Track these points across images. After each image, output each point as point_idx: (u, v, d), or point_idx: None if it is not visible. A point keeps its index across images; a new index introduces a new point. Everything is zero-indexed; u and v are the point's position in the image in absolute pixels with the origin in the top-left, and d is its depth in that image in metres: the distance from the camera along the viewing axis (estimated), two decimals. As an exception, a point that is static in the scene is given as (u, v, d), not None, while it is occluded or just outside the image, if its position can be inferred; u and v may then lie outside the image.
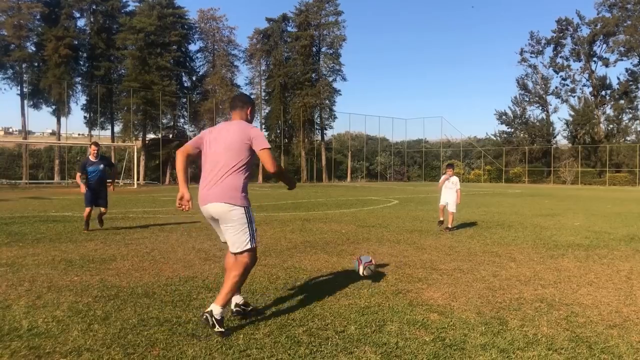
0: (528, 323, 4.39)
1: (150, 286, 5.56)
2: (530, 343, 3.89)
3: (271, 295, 5.24)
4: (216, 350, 3.67)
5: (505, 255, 7.83)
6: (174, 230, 10.57)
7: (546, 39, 60.01)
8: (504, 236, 10.10)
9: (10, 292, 5.21)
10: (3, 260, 6.98)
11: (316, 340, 3.88)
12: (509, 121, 62.33)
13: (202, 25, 53.65)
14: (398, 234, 10.16)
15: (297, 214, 14.67)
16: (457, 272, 6.49)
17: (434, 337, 4.01)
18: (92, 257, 7.26)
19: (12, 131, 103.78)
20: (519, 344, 3.87)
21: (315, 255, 7.63)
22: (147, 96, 46.01)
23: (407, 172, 65.94)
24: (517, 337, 4.02)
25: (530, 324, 4.37)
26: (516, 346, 3.82)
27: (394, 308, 4.78)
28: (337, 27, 56.72)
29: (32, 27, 44.71)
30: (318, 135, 59.86)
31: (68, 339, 3.85)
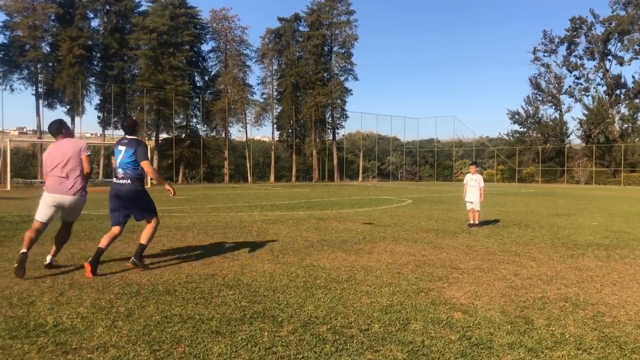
0: (554, 322, 4.33)
1: (171, 283, 5.56)
2: (559, 342, 3.84)
3: (292, 293, 5.22)
4: (242, 347, 3.66)
5: (525, 255, 7.75)
6: (191, 228, 10.60)
7: (559, 38, 59.54)
8: (522, 235, 10.01)
9: (33, 289, 5.24)
10: (24, 257, 7.01)
11: (341, 339, 3.86)
12: (521, 121, 61.89)
13: (214, 25, 53.82)
14: (414, 233, 10.11)
15: (310, 212, 14.65)
16: (477, 271, 6.44)
17: (459, 335, 3.97)
18: (112, 255, 7.29)
19: (26, 131, 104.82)
20: (546, 343, 3.82)
21: (333, 254, 7.61)
22: (160, 96, 46.27)
23: (419, 172, 65.71)
24: (544, 336, 3.97)
25: (557, 323, 4.32)
26: (544, 345, 3.77)
27: (417, 307, 4.75)
28: (349, 27, 56.69)
29: (46, 27, 45.12)
30: (329, 135, 59.85)
31: (93, 335, 3.86)
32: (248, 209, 15.97)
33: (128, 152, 6.46)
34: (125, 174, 6.44)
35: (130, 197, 6.47)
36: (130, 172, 6.43)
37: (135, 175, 6.48)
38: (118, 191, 6.45)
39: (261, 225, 11.31)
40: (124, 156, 6.47)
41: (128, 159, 6.44)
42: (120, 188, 6.45)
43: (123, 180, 6.45)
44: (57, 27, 45.19)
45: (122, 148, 6.52)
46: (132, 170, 6.44)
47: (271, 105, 57.48)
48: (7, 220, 11.82)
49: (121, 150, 6.51)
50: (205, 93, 53.44)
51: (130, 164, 6.43)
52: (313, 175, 57.25)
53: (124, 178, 6.45)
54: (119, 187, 6.46)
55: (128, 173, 6.43)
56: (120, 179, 6.46)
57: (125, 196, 6.45)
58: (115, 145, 6.70)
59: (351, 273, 6.23)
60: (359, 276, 6.05)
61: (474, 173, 11.82)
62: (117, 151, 6.54)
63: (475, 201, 11.46)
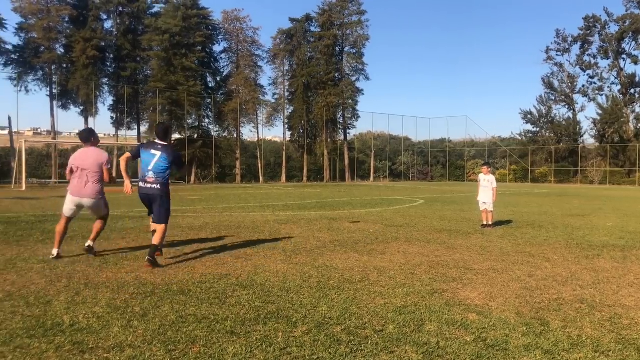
0: (570, 324, 4.30)
1: (185, 283, 5.59)
2: (575, 345, 3.81)
3: (305, 293, 5.22)
4: (256, 347, 3.67)
5: (539, 256, 7.70)
6: (204, 228, 10.64)
7: (573, 37, 58.95)
8: (536, 236, 9.94)
9: (50, 288, 5.29)
10: (40, 257, 7.10)
11: (356, 339, 3.86)
12: (534, 120, 61.38)
13: (226, 26, 53.94)
14: (427, 234, 10.07)
15: (322, 213, 14.65)
16: (491, 272, 6.40)
17: (474, 337, 3.95)
18: (126, 255, 7.35)
19: (40, 131, 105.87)
20: (563, 345, 3.79)
21: (346, 254, 7.60)
22: (172, 97, 46.50)
23: (431, 172, 65.45)
24: (560, 338, 3.94)
25: (573, 325, 4.28)
26: (561, 347, 3.74)
27: (431, 308, 4.73)
28: (361, 27, 56.54)
29: (61, 29, 45.50)
30: (341, 135, 59.75)
31: (109, 335, 3.89)
32: (260, 209, 16.01)
33: (164, 158, 6.82)
34: (157, 179, 6.82)
35: (156, 199, 6.89)
36: (161, 178, 6.84)
37: (165, 182, 6.93)
38: (148, 194, 6.88)
39: (273, 225, 11.33)
40: (160, 161, 6.81)
41: (164, 165, 6.83)
42: (149, 192, 6.85)
43: (153, 185, 6.83)
44: (71, 29, 45.58)
45: (157, 153, 6.82)
46: (163, 177, 6.87)
47: (282, 106, 57.55)
48: (23, 220, 11.95)
49: (155, 155, 6.81)
50: (217, 94, 53.61)
51: (164, 171, 6.85)
52: (324, 175, 57.22)
53: (155, 183, 6.83)
54: (148, 190, 6.85)
55: (159, 179, 6.83)
56: (151, 184, 6.82)
57: (153, 199, 6.90)
58: (143, 148, 6.98)
59: (364, 274, 6.22)
60: (372, 277, 6.04)
61: (486, 173, 11.78)
62: (150, 155, 6.82)
63: (488, 201, 11.42)
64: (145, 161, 6.84)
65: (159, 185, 6.83)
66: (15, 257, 7.03)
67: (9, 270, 6.16)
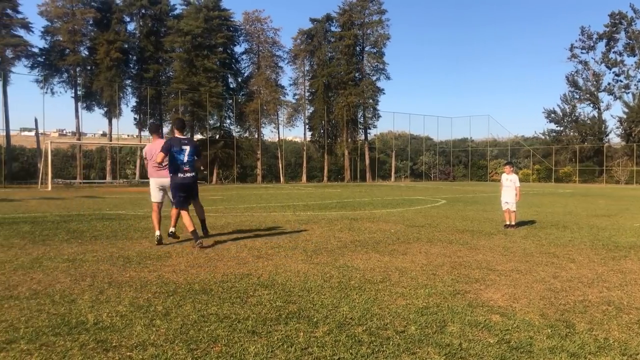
0: (597, 327, 4.21)
1: (207, 283, 5.62)
2: (602, 348, 3.73)
3: (326, 293, 5.21)
4: (278, 347, 3.66)
5: (564, 256, 7.57)
6: (225, 227, 10.70)
7: (598, 34, 57.93)
8: (560, 237, 9.78)
9: (74, 287, 5.37)
10: (65, 256, 7.21)
11: (377, 340, 3.83)
12: (558, 119, 60.51)
13: (247, 27, 54.34)
14: (449, 234, 9.98)
15: (343, 213, 14.63)
16: (514, 273, 6.31)
17: (498, 339, 3.89)
18: (148, 254, 7.42)
19: (65, 132, 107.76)
20: (589, 348, 3.71)
21: (367, 255, 7.57)
22: (194, 98, 46.95)
23: (453, 172, 64.94)
24: (587, 341, 3.86)
25: (600, 327, 4.19)
26: (587, 350, 3.66)
27: (454, 309, 4.68)
28: (381, 26, 56.45)
29: (85, 32, 46.33)
30: (361, 135, 59.72)
31: (132, 334, 3.93)
32: (281, 209, 16.05)
33: (192, 150, 8.06)
34: (191, 168, 8.08)
35: (194, 186, 8.30)
36: (193, 167, 8.11)
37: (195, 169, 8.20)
38: (187, 182, 8.10)
39: (294, 225, 11.35)
40: (190, 153, 8.02)
41: (192, 156, 8.06)
42: (189, 181, 8.11)
43: (189, 173, 8.09)
44: (95, 32, 46.36)
45: (187, 147, 8.00)
46: (193, 165, 8.13)
47: (303, 106, 57.68)
48: (49, 220, 12.16)
49: (185, 149, 7.97)
50: (239, 94, 53.98)
51: (193, 160, 8.09)
52: (345, 175, 57.18)
53: (190, 171, 8.08)
54: (188, 179, 8.09)
55: (192, 168, 8.10)
56: (188, 172, 8.05)
57: (192, 186, 8.23)
58: (172, 144, 7.97)
59: (386, 274, 6.19)
60: (393, 277, 6.00)
61: (509, 173, 11.65)
62: (181, 150, 7.94)
63: (510, 201, 11.28)
64: (179, 156, 7.92)
65: (193, 172, 8.15)
66: (41, 256, 7.15)
67: (35, 269, 6.27)
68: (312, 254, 7.54)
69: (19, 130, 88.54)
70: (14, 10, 43.64)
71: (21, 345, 3.66)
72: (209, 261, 6.94)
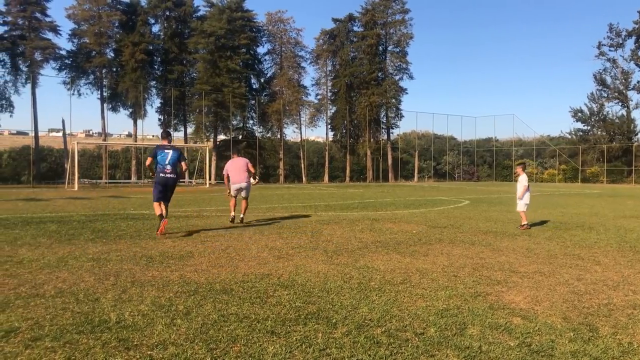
0: (621, 331, 4.13)
1: (228, 282, 5.67)
2: (626, 352, 3.66)
3: (346, 294, 5.21)
4: (296, 348, 3.68)
5: (589, 259, 7.44)
6: (247, 228, 10.78)
7: (627, 31, 56.60)
8: (585, 238, 9.61)
9: (98, 286, 5.47)
10: (90, 255, 7.35)
11: (396, 342, 3.82)
12: (585, 118, 59.36)
13: (269, 28, 54.50)
14: (472, 235, 9.89)
15: (365, 213, 14.60)
16: (537, 275, 6.23)
17: (519, 342, 3.85)
18: (171, 254, 7.51)
19: (92, 133, 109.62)
20: (613, 352, 3.65)
21: (388, 256, 7.55)
22: (217, 98, 47.29)
23: (477, 172, 64.26)
24: (610, 345, 3.79)
25: (624, 331, 4.11)
26: (610, 355, 3.60)
27: (474, 311, 4.64)
28: (404, 25, 56.07)
29: (111, 34, 47.03)
30: (384, 135, 59.43)
31: (153, 333, 3.99)
32: (302, 209, 16.08)
33: (174, 155, 9.80)
34: (172, 170, 9.77)
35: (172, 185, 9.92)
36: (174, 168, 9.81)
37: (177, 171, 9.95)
38: (167, 180, 9.76)
39: (315, 225, 11.37)
40: (172, 158, 9.77)
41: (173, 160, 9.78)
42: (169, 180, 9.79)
43: (170, 174, 9.77)
44: (120, 34, 47.05)
45: (169, 152, 9.79)
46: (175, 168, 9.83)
47: (325, 106, 57.69)
48: (75, 219, 12.39)
49: (168, 153, 9.76)
50: (261, 95, 54.21)
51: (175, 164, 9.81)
52: (367, 175, 57.00)
53: (170, 172, 9.77)
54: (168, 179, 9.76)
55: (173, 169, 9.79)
56: (169, 173, 9.75)
57: (170, 184, 9.85)
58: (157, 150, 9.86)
59: (406, 275, 6.16)
60: (414, 279, 5.98)
61: (520, 173, 11.64)
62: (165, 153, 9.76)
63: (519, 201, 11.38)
64: (162, 159, 9.72)
65: (174, 175, 9.86)
66: (67, 255, 7.29)
67: (61, 268, 6.40)
68: (333, 255, 7.55)
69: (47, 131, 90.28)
70: (42, 13, 44.61)
71: (46, 343, 3.74)
72: (230, 261, 7.00)
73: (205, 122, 48.86)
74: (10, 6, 42.98)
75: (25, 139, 55.87)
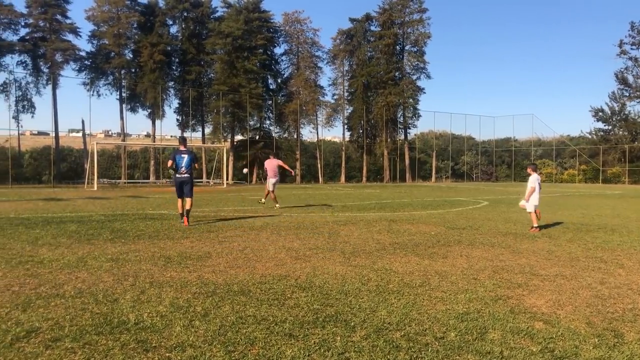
0: (647, 337, 4.03)
1: (245, 284, 5.66)
2: (653, 359, 3.57)
3: (364, 297, 5.17)
4: (314, 351, 3.65)
5: (612, 261, 7.30)
6: (264, 228, 10.78)
7: (649, 29, 55.64)
8: (608, 240, 9.44)
9: (117, 287, 5.49)
10: (109, 255, 7.40)
11: (415, 346, 3.77)
12: (606, 118, 58.47)
13: (286, 28, 54.59)
14: (491, 237, 9.77)
15: (382, 214, 14.52)
16: (559, 279, 6.12)
17: (541, 347, 3.78)
18: (189, 254, 7.53)
19: (110, 133, 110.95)
20: (639, 359, 3.55)
21: (406, 257, 7.48)
22: (235, 99, 47.49)
23: (495, 172, 63.68)
24: (636, 351, 3.70)
25: (650, 338, 4.01)
26: (636, 362, 3.51)
27: (495, 315, 4.56)
28: (422, 25, 55.78)
29: (129, 35, 47.51)
30: (401, 135, 59.19)
31: (172, 334, 3.99)
32: (319, 209, 16.06)
33: (189, 158, 11.66)
34: (187, 170, 11.64)
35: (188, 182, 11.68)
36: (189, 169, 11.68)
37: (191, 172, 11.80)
38: (183, 179, 11.66)
39: (332, 226, 11.33)
40: (187, 160, 11.63)
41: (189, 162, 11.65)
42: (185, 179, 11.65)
43: (185, 174, 11.65)
44: (139, 35, 47.49)
45: (185, 156, 11.62)
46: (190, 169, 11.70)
47: (342, 106, 57.62)
48: (94, 219, 12.51)
49: (184, 157, 11.61)
50: (278, 95, 54.33)
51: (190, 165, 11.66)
52: (384, 175, 56.80)
53: (186, 173, 11.65)
54: (184, 178, 11.65)
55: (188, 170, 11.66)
56: (185, 173, 11.64)
57: (186, 182, 11.66)
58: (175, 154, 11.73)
59: (425, 278, 6.10)
60: (433, 281, 5.91)
61: (531, 174, 11.65)
62: (181, 157, 11.62)
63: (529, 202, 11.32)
64: (179, 161, 11.62)
65: (189, 175, 11.68)
66: (86, 255, 7.35)
67: (80, 268, 6.44)
68: (350, 256, 7.51)
69: (67, 131, 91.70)
70: (63, 15, 45.27)
71: (66, 344, 3.76)
72: (247, 262, 6.99)
73: (222, 122, 49.10)
74: (32, 9, 43.67)
75: (46, 139, 56.75)
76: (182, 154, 11.64)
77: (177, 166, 11.67)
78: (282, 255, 7.52)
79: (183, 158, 11.59)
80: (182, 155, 11.61)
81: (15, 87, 44.12)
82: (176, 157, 11.69)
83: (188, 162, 11.63)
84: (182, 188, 11.69)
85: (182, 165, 11.60)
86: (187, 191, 11.65)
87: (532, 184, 11.29)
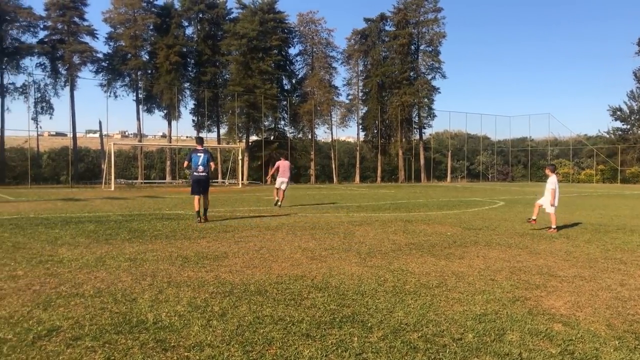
0: (669, 339, 3.97)
1: (262, 284, 5.68)
2: (675, 362, 3.52)
3: (381, 297, 5.16)
4: (332, 352, 3.66)
5: (632, 263, 7.20)
6: (279, 228, 10.81)
7: (669, 27, 54.79)
8: (627, 241, 9.32)
9: (135, 286, 5.55)
10: (127, 255, 7.47)
11: (433, 347, 3.76)
12: (624, 117, 57.70)
13: (301, 29, 54.69)
14: (508, 237, 9.70)
15: (397, 214, 14.48)
16: (578, 280, 6.06)
17: (560, 349, 3.74)
18: (206, 254, 7.58)
19: (127, 134, 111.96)
20: (661, 362, 3.51)
21: (422, 258, 7.46)
22: (250, 99, 47.67)
23: (511, 172, 63.16)
24: (658, 354, 3.65)
25: (672, 340, 3.95)
26: (658, 365, 3.47)
27: (513, 316, 4.53)
28: (437, 24, 55.55)
29: (146, 37, 47.93)
30: (416, 135, 58.95)
31: (190, 334, 4.02)
32: (334, 209, 16.06)
33: (205, 157, 12.27)
34: (204, 169, 12.25)
35: (205, 181, 12.38)
36: (205, 168, 12.28)
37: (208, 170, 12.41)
38: (200, 178, 12.28)
39: (348, 226, 11.32)
40: (204, 159, 12.24)
41: (205, 161, 12.26)
42: (201, 177, 12.28)
43: (202, 173, 12.27)
44: (155, 36, 47.88)
45: (201, 155, 12.27)
46: (207, 168, 12.30)
47: (356, 106, 57.56)
48: (112, 219, 12.64)
49: (200, 156, 12.24)
50: (293, 96, 54.42)
51: (206, 164, 12.26)
52: (399, 175, 56.64)
53: (203, 171, 12.27)
54: (200, 176, 12.27)
55: (205, 169, 12.27)
56: (201, 172, 12.26)
57: (203, 180, 12.33)
58: (192, 153, 12.44)
59: (442, 279, 6.07)
60: (450, 282, 5.88)
61: (550, 175, 11.54)
62: (197, 156, 12.26)
63: (545, 203, 11.28)
64: (196, 160, 12.23)
65: (205, 173, 12.30)
66: (105, 255, 7.43)
67: (99, 268, 6.52)
68: (366, 257, 7.50)
69: (84, 132, 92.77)
70: (80, 18, 45.83)
71: (86, 343, 3.81)
72: (263, 262, 7.02)
73: (237, 123, 49.31)
74: (50, 11, 44.26)
75: (64, 140, 57.44)
76: (198, 153, 12.30)
77: (193, 165, 12.26)
78: (298, 256, 7.54)
79: (199, 157, 12.24)
80: (198, 155, 12.27)
81: (34, 89, 44.77)
82: (192, 156, 12.35)
83: (205, 161, 12.24)
84: (199, 185, 12.27)
85: (198, 163, 12.22)
86: (203, 189, 12.30)
87: (552, 185, 11.19)
